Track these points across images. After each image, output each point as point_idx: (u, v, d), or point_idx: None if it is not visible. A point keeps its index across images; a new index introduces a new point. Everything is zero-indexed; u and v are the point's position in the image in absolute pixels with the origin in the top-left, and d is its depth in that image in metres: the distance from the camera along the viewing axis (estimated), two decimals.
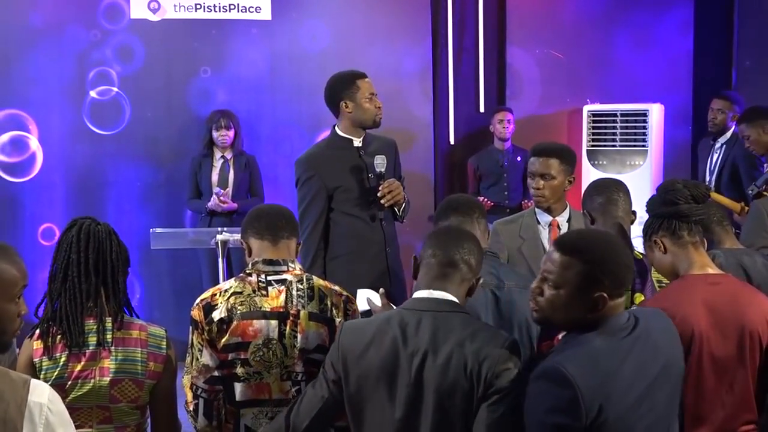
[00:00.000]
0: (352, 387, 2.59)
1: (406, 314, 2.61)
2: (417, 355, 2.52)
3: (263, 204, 3.08)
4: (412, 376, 2.51)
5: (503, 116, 7.07)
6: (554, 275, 2.46)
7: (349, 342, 2.61)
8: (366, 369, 2.56)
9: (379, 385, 2.55)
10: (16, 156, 6.66)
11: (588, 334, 2.43)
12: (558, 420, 2.31)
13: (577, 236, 2.63)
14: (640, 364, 2.42)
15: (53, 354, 2.77)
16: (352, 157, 4.44)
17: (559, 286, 2.45)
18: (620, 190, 3.58)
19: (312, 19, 6.97)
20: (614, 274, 2.43)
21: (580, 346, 2.41)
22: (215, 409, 2.94)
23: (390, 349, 2.54)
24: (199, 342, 2.92)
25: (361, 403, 2.59)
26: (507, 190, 7.06)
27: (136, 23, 6.74)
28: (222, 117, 6.54)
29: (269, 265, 2.97)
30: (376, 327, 2.60)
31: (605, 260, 2.43)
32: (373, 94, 4.43)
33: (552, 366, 2.36)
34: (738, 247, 3.69)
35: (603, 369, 2.36)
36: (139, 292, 6.79)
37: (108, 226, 2.89)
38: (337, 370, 2.62)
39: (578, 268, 2.43)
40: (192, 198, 6.62)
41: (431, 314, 2.58)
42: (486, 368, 2.46)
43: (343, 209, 4.40)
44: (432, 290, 2.63)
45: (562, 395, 2.30)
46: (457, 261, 2.65)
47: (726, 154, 6.34)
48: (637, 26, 7.36)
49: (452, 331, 2.53)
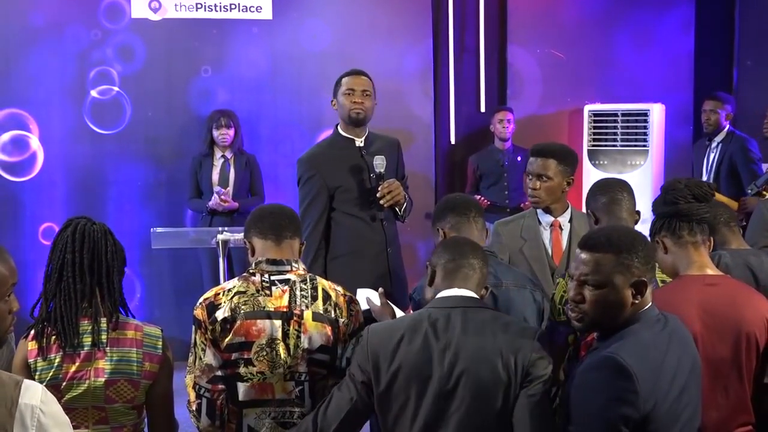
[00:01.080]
0: (384, 385, 2.62)
1: (434, 312, 2.66)
2: (449, 349, 2.57)
3: (266, 204, 3.07)
4: (445, 369, 2.57)
5: (503, 116, 7.07)
6: (592, 275, 2.48)
7: (378, 342, 2.65)
8: (398, 366, 2.60)
9: (412, 382, 2.59)
10: (16, 155, 6.65)
11: (631, 327, 2.46)
12: (620, 410, 2.32)
13: (598, 233, 2.64)
14: (678, 357, 2.46)
15: (47, 355, 2.76)
16: (354, 156, 4.43)
17: (601, 285, 2.47)
18: (624, 190, 3.57)
19: (313, 19, 6.97)
20: (644, 257, 2.50)
21: (627, 337, 2.44)
22: (218, 409, 2.93)
23: (422, 346, 2.59)
24: (203, 341, 2.91)
25: (393, 400, 2.62)
26: (507, 190, 7.05)
27: (137, 23, 6.74)
28: (222, 116, 6.54)
29: (273, 264, 2.97)
30: (407, 325, 2.66)
31: (633, 246, 2.49)
32: (353, 90, 4.40)
33: (610, 356, 2.37)
34: (745, 247, 3.68)
35: (652, 360, 2.39)
36: (139, 292, 6.79)
37: (104, 225, 2.87)
38: (365, 371, 2.65)
39: (613, 260, 2.46)
40: (192, 197, 6.61)
41: (460, 310, 2.64)
42: (521, 359, 2.55)
43: (344, 209, 4.39)
44: (456, 288, 2.70)
45: (624, 385, 2.33)
46: (475, 265, 2.75)
47: (722, 153, 6.39)
48: (638, 26, 7.36)
49: (483, 325, 2.61)
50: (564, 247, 3.94)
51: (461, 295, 2.69)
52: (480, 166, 7.15)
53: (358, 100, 4.40)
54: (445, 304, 2.67)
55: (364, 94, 4.41)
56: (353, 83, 4.42)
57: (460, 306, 2.65)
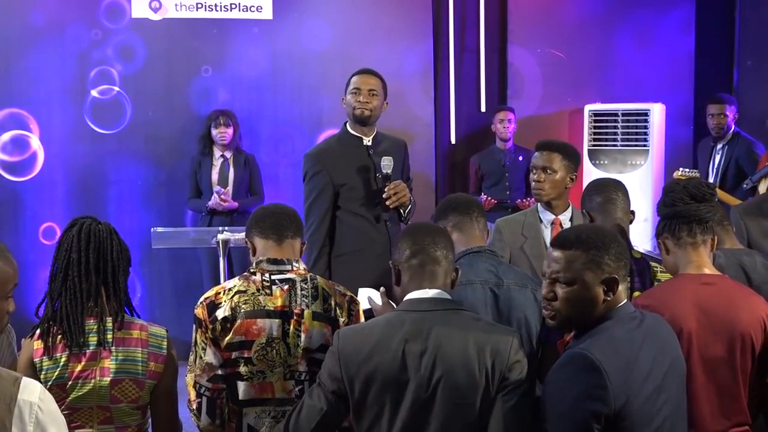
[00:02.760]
0: (358, 393, 2.55)
1: (406, 316, 2.59)
2: (425, 354, 2.51)
3: (268, 204, 3.06)
4: (423, 376, 2.50)
5: (504, 116, 7.06)
6: (563, 272, 2.49)
7: (351, 348, 2.57)
8: (372, 373, 2.53)
9: (388, 389, 2.52)
10: (17, 155, 6.66)
11: (603, 323, 2.46)
12: (589, 406, 2.33)
13: (569, 232, 2.66)
14: (654, 355, 2.45)
15: (53, 354, 2.77)
16: (361, 155, 4.44)
17: (572, 282, 2.48)
18: (619, 190, 3.59)
19: (313, 19, 6.97)
20: (615, 255, 2.49)
21: (598, 334, 2.44)
22: (218, 408, 2.93)
23: (397, 352, 2.52)
24: (203, 340, 2.91)
25: (368, 407, 2.56)
26: (509, 190, 7.03)
27: (137, 22, 6.74)
28: (221, 115, 6.55)
29: (273, 264, 2.97)
30: (379, 331, 2.58)
31: (603, 244, 2.49)
32: (359, 89, 4.42)
33: (579, 352, 2.39)
34: (738, 247, 3.68)
35: (624, 355, 2.39)
36: (140, 292, 6.80)
37: (109, 225, 2.88)
38: (336, 379, 2.58)
39: (583, 258, 2.47)
40: (192, 197, 6.62)
41: (433, 314, 2.57)
42: (498, 363, 2.50)
43: (349, 207, 4.40)
44: (426, 290, 2.63)
45: (592, 381, 2.33)
46: (438, 257, 2.67)
47: (728, 155, 6.37)
48: (638, 26, 7.36)
49: (458, 329, 2.54)
50: None
51: (432, 298, 2.61)
52: (482, 166, 7.14)
53: (364, 99, 4.42)
54: (418, 307, 2.59)
55: (371, 93, 4.43)
56: (360, 82, 4.45)
57: (435, 309, 2.58)
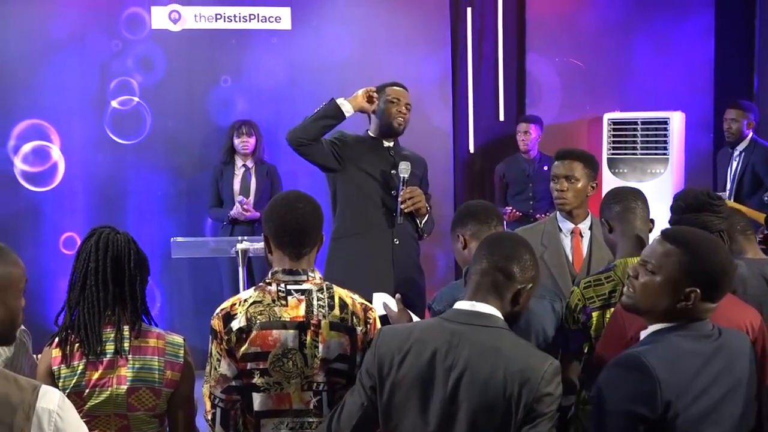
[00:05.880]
0: (386, 395, 2.55)
1: (446, 325, 2.54)
2: (455, 369, 2.46)
3: (289, 202, 2.94)
4: (448, 391, 2.46)
5: (522, 128, 7.04)
6: (653, 261, 2.48)
7: (387, 348, 2.56)
8: (401, 378, 2.52)
9: (412, 396, 2.50)
10: (38, 165, 6.70)
11: (674, 333, 2.43)
12: (633, 408, 2.31)
13: (686, 230, 2.62)
14: (717, 373, 2.41)
15: (71, 362, 2.79)
16: (383, 152, 4.50)
17: (656, 272, 2.47)
18: (638, 199, 3.56)
19: (331, 29, 6.99)
20: (712, 275, 2.43)
21: (664, 342, 2.42)
22: (232, 419, 2.91)
23: (428, 361, 2.49)
24: (218, 351, 2.90)
25: (393, 412, 2.55)
26: (533, 200, 6.97)
27: (157, 33, 6.78)
28: (244, 124, 6.59)
29: (289, 275, 2.95)
30: (417, 336, 2.55)
31: (707, 259, 2.44)
32: (398, 99, 4.48)
33: (633, 354, 2.38)
34: (761, 257, 3.65)
35: (683, 369, 2.36)
36: (159, 301, 6.82)
37: (127, 234, 2.90)
38: (372, 375, 2.58)
39: (678, 258, 2.45)
40: (213, 206, 6.65)
41: (472, 328, 2.50)
42: (526, 392, 2.39)
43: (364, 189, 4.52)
44: (474, 302, 2.55)
45: (641, 384, 2.32)
46: (503, 269, 2.55)
47: (745, 162, 6.35)
48: (657, 33, 7.34)
49: (493, 349, 2.45)
50: (584, 254, 3.93)
51: (477, 312, 2.53)
52: (506, 174, 7.12)
53: (404, 110, 4.46)
54: (460, 319, 2.53)
55: (407, 107, 4.49)
56: (399, 94, 4.50)
57: (474, 324, 2.50)
